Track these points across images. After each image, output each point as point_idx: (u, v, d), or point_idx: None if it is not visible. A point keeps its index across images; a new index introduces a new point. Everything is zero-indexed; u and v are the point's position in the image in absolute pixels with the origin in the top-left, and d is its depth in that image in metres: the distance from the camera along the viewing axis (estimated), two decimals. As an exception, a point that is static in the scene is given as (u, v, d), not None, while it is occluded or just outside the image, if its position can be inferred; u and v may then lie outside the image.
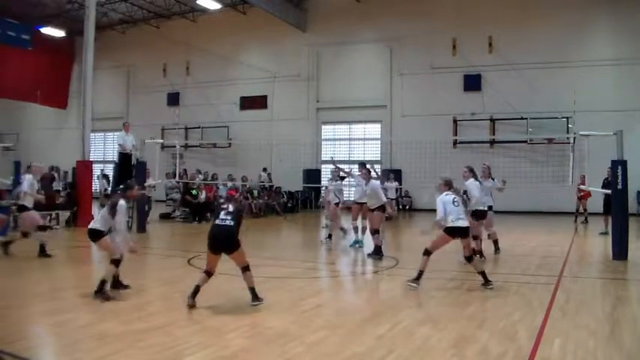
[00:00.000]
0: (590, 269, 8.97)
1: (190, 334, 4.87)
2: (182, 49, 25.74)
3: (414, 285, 6.87)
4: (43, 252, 9.06)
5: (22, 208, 9.27)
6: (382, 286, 7.88)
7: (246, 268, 5.85)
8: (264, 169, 22.12)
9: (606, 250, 10.09)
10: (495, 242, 9.84)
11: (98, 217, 6.59)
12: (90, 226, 6.52)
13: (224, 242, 5.77)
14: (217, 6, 22.97)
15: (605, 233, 12.28)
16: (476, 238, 8.59)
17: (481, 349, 4.51)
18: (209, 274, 5.85)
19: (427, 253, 6.99)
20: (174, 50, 26.16)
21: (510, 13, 20.79)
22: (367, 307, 6.34)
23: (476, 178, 8.76)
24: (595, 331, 5.05)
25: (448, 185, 7.17)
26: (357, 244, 10.82)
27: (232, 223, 5.77)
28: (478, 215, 8.71)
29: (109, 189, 17.40)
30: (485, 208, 8.99)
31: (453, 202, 6.95)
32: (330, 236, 11.53)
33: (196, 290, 5.75)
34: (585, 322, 5.34)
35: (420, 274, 6.93)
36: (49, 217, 14.35)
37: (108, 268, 6.26)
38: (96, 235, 6.40)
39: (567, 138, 16.65)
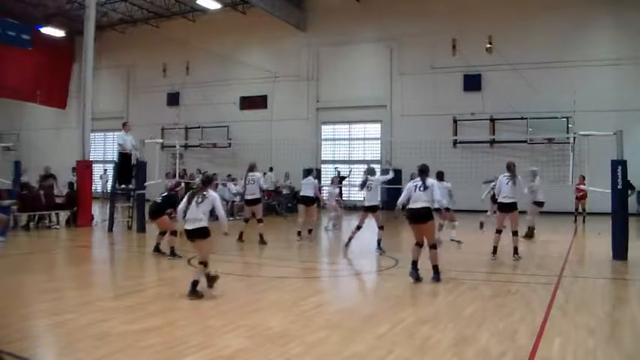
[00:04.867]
0: (590, 269, 8.96)
1: (190, 334, 4.87)
2: (182, 49, 25.69)
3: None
4: None
5: None
6: (382, 286, 7.87)
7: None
8: (271, 169, 22.00)
9: (606, 250, 10.09)
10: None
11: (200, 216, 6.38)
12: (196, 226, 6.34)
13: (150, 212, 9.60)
14: (217, 6, 22.94)
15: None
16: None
17: (481, 349, 4.51)
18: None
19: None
20: (174, 50, 26.12)
21: (510, 13, 20.76)
22: (367, 306, 6.33)
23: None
24: (595, 331, 5.05)
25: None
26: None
27: (160, 201, 9.45)
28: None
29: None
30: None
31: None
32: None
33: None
34: (585, 322, 5.34)
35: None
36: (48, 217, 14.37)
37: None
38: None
39: (567, 138, 16.63)
